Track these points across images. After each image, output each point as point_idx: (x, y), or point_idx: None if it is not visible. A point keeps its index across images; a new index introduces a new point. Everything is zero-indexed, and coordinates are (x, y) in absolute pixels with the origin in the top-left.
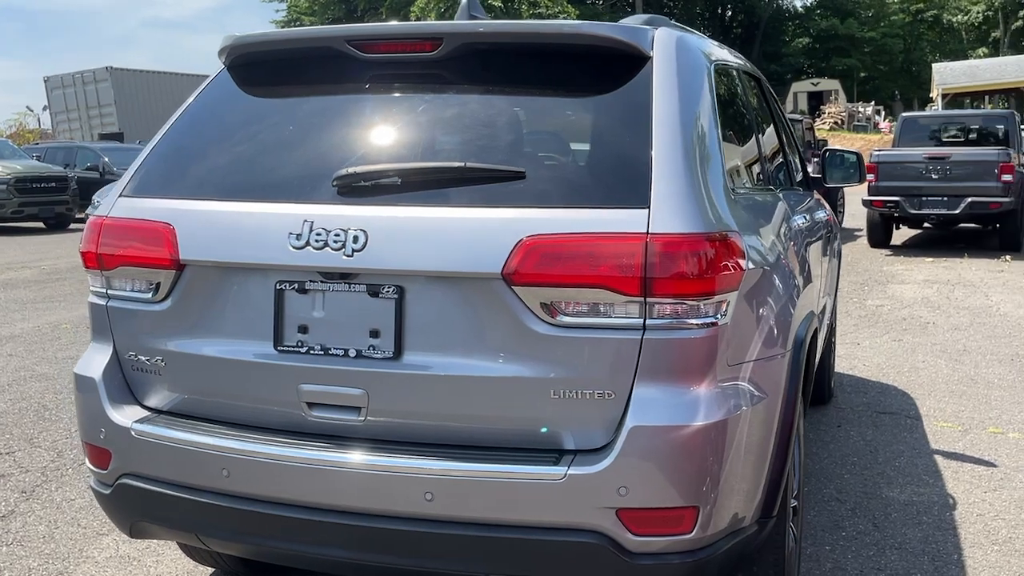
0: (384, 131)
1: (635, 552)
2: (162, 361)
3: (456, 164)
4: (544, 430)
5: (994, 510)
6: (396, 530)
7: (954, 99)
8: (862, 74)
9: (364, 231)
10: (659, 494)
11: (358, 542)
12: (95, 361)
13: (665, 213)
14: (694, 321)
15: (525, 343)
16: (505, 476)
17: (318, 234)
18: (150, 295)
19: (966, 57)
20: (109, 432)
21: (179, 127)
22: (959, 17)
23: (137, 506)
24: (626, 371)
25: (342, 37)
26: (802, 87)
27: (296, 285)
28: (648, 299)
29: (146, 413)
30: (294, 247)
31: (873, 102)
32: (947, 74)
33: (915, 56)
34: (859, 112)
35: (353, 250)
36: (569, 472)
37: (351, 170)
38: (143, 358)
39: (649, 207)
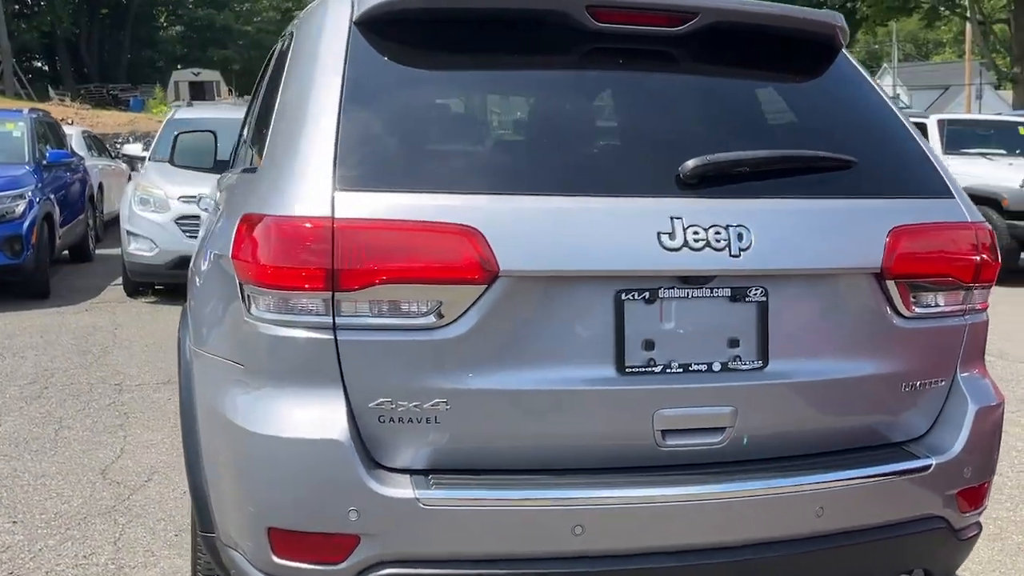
0: (679, 116)
1: (958, 529)
2: (445, 405)
3: (809, 153)
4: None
5: None
6: (788, 555)
7: None
8: (236, 66)
9: (746, 227)
10: (986, 470)
11: None
12: (318, 416)
13: (966, 202)
14: (981, 306)
15: (886, 338)
16: (885, 477)
17: (695, 232)
18: (431, 319)
19: None
20: (369, 510)
21: (360, 99)
22: None
23: None
24: (954, 357)
25: (581, 2)
26: (183, 76)
27: (646, 294)
28: (974, 286)
29: (412, 477)
30: (668, 248)
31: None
32: None
33: None
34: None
35: (740, 249)
36: (934, 462)
37: (711, 159)
38: (407, 404)
39: (955, 197)
